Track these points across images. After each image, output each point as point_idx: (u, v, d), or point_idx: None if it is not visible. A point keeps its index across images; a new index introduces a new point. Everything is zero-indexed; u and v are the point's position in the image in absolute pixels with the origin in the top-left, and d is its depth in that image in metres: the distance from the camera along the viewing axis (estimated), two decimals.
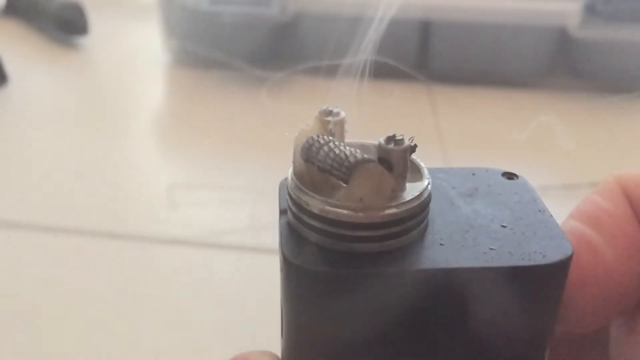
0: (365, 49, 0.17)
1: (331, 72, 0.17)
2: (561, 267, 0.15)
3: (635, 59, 0.68)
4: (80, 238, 0.46)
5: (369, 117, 0.19)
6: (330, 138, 0.15)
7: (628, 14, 0.66)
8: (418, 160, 0.16)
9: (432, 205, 0.16)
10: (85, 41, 0.81)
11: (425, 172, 0.16)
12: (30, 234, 0.46)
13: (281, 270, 0.16)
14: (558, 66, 0.70)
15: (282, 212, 0.16)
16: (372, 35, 0.17)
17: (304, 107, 0.17)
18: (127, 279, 0.42)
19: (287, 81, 0.51)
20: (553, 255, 0.15)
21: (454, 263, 0.15)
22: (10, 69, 0.70)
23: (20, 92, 0.69)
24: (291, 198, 0.16)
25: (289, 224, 0.16)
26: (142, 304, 0.40)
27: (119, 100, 0.70)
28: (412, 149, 0.15)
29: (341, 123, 0.16)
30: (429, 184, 0.16)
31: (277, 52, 0.71)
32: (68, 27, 0.79)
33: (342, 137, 0.16)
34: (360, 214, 0.15)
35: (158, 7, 0.73)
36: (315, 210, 0.15)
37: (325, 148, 0.15)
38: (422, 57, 0.70)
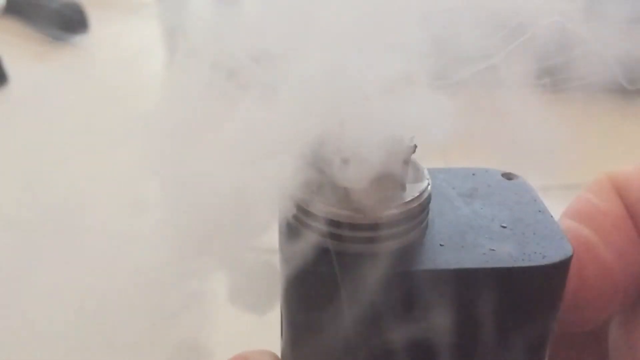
0: None
1: None
2: (561, 268, 0.15)
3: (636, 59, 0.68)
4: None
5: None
6: (330, 139, 0.15)
7: (628, 14, 0.66)
8: (418, 160, 0.16)
9: (432, 206, 0.16)
10: (85, 40, 0.81)
11: (425, 172, 0.16)
12: (30, 234, 0.46)
13: (281, 270, 0.16)
14: (557, 66, 0.70)
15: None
16: None
17: None
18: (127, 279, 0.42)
19: None
20: (553, 256, 0.15)
21: (454, 264, 0.15)
22: (10, 69, 0.70)
23: (20, 92, 0.69)
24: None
25: (289, 225, 0.16)
26: None
27: (119, 99, 0.70)
28: (412, 149, 0.15)
29: (341, 124, 0.16)
30: (428, 184, 0.16)
31: None
32: (68, 26, 0.79)
33: (342, 138, 0.16)
34: (360, 215, 0.15)
35: (158, 7, 0.73)
36: (315, 211, 0.15)
37: (326, 149, 0.15)
38: None
